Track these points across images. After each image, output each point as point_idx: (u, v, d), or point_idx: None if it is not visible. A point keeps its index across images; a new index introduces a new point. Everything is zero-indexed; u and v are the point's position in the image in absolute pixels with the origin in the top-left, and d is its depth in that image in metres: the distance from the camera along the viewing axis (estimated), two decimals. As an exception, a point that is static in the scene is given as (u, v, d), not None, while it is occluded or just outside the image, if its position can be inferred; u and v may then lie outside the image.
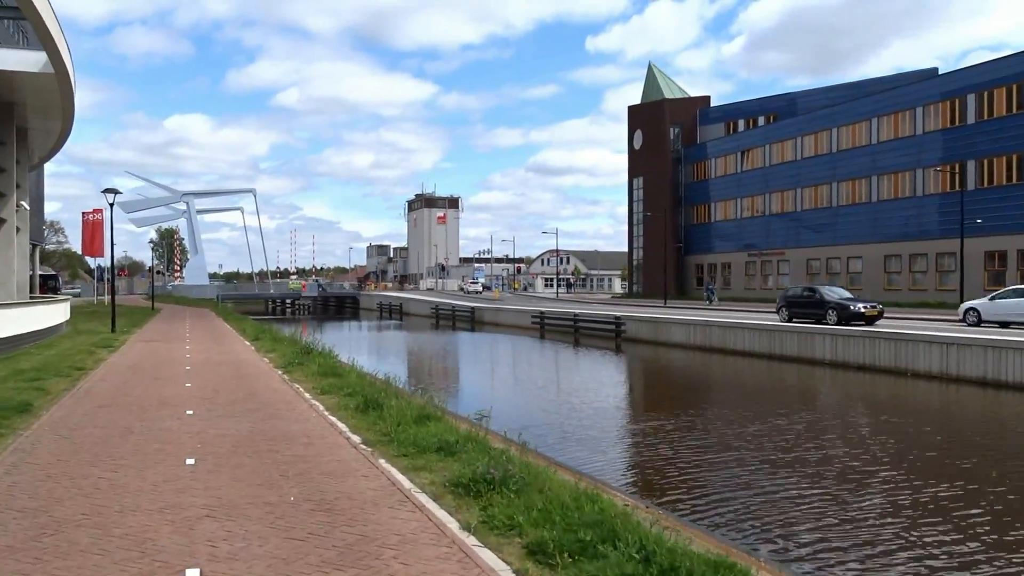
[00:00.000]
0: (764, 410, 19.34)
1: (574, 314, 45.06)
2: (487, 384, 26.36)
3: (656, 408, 20.98)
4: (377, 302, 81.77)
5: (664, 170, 73.19)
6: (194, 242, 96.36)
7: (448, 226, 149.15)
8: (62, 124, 36.82)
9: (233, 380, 16.48)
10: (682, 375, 29.67)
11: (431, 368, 31.52)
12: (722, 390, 25.39)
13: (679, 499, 11.24)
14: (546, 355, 36.67)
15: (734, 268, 67.74)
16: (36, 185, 72.51)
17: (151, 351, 23.48)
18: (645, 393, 25.35)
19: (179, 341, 27.62)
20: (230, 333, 32.84)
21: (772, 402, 21.54)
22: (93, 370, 18.05)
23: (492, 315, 56.70)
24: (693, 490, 11.78)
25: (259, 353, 23.35)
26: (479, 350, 39.81)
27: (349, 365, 20.23)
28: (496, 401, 20.12)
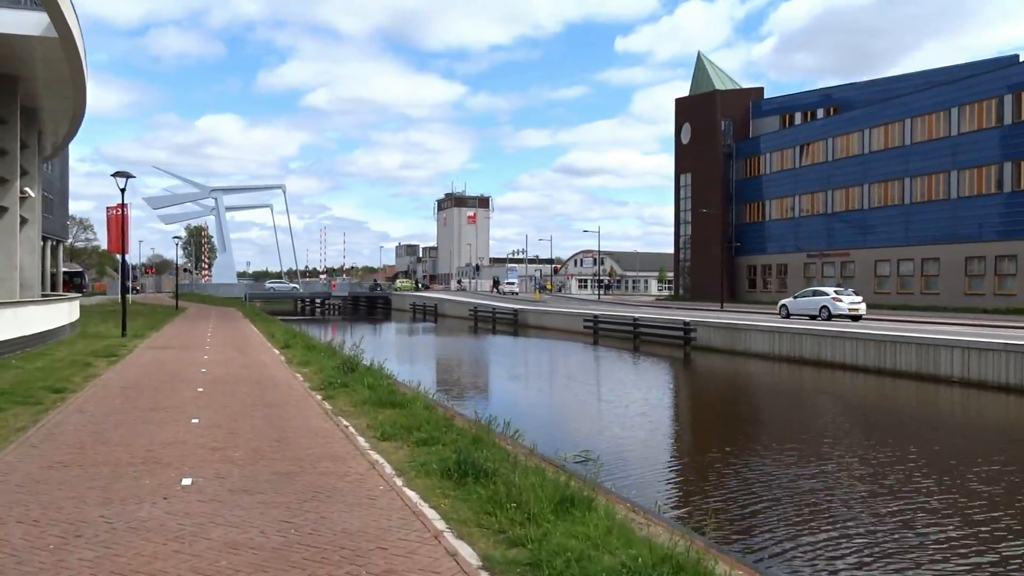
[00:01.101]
0: (895, 444, 14.45)
1: (634, 318, 40.22)
2: (572, 407, 21.65)
3: (773, 439, 16.16)
4: (410, 303, 77.30)
5: (714, 166, 68.08)
6: (223, 239, 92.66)
7: (478, 226, 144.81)
8: (74, 102, 32.62)
9: (257, 413, 11.91)
10: (781, 393, 24.71)
11: (494, 385, 26.76)
12: (832, 413, 20.47)
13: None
14: (612, 366, 31.87)
15: (791, 270, 62.47)
16: (60, 179, 68.94)
17: (160, 363, 19.03)
18: (748, 417, 20.50)
19: (197, 348, 23.20)
20: (256, 338, 28.43)
21: (907, 434, 16.61)
22: (75, 393, 13.57)
23: (537, 318, 51.97)
24: None
25: (290, 367, 18.83)
26: (536, 360, 35.09)
27: (407, 386, 15.65)
28: (599, 436, 15.47)
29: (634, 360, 33.93)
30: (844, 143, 57.72)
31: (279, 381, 15.93)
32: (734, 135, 68.42)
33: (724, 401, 22.87)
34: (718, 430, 17.49)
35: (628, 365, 32.09)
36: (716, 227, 67.42)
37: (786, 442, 15.23)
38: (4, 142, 29.16)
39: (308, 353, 21.74)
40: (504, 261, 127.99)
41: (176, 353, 21.58)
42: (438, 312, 69.10)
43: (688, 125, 70.71)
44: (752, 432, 17.26)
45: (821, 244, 59.42)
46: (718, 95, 67.86)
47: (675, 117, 72.64)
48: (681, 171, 71.97)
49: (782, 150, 63.74)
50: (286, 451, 9.12)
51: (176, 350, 22.58)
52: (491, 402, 19.86)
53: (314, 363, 19.11)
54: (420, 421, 10.98)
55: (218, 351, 22.42)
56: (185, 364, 18.73)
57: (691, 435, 17.31)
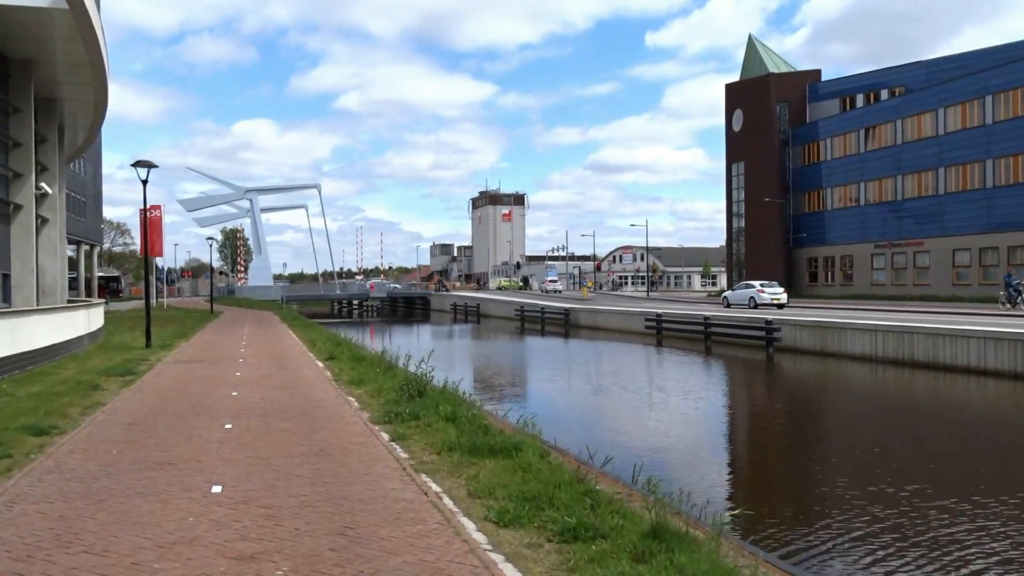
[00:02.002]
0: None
1: (704, 317, 36.17)
2: (700, 437, 17.79)
3: (915, 474, 12.13)
4: (451, 303, 73.74)
5: (770, 153, 63.60)
6: (258, 241, 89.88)
7: (514, 223, 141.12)
8: (95, 89, 29.38)
9: (306, 470, 8.24)
10: (909, 407, 20.56)
11: (582, 405, 22.84)
12: (987, 435, 16.32)
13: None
14: (699, 373, 27.92)
15: (856, 262, 57.84)
16: (93, 181, 66.40)
17: (184, 383, 15.52)
18: (875, 441, 16.44)
19: (229, 362, 19.72)
20: (296, 347, 24.93)
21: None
22: (63, 435, 10.03)
23: (591, 318, 48.07)
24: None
25: (339, 386, 15.21)
26: (612, 367, 31.20)
27: (496, 417, 11.94)
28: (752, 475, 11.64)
29: (717, 365, 29.98)
30: (915, 125, 53.03)
31: (329, 409, 12.28)
32: (790, 120, 63.87)
33: (844, 419, 18.81)
34: (845, 456, 13.53)
35: (720, 371, 28.17)
36: (773, 218, 63.07)
37: (930, 478, 11.24)
38: (17, 133, 25.99)
39: (358, 366, 18.14)
40: (543, 259, 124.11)
41: (204, 369, 18.10)
42: (480, 312, 65.45)
43: (740, 111, 66.29)
44: (886, 463, 13.24)
45: (890, 233, 54.78)
46: (773, 79, 63.37)
47: (725, 103, 68.28)
48: (733, 160, 67.56)
49: (844, 135, 59.11)
50: (357, 562, 5.42)
51: (205, 364, 19.11)
52: (594, 432, 16.03)
53: (368, 381, 15.47)
54: (546, 485, 7.24)
55: (253, 366, 18.90)
56: (213, 385, 15.20)
57: (825, 465, 13.39)
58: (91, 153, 63.09)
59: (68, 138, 36.58)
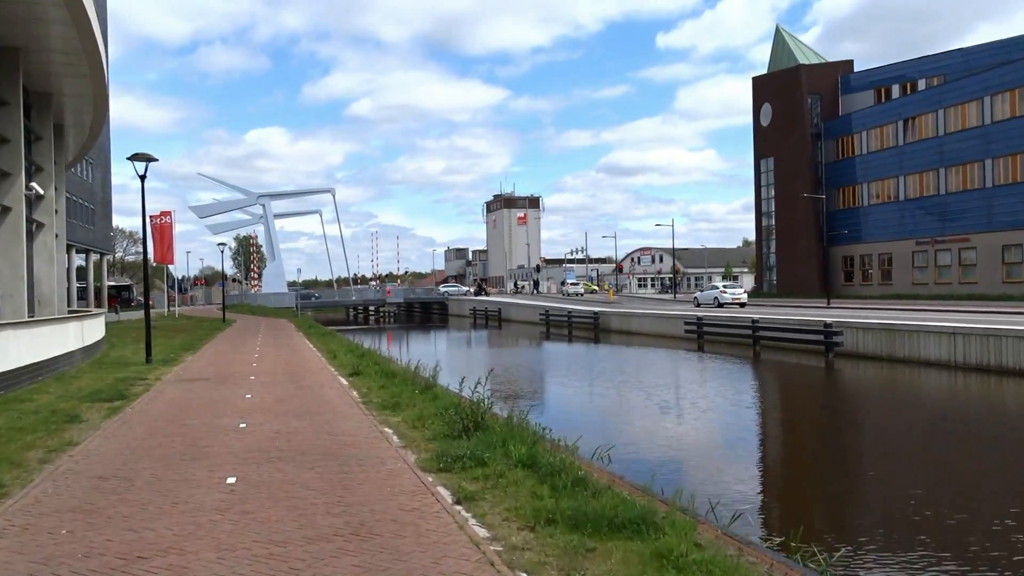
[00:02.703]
0: None
1: (752, 320, 33.15)
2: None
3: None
4: (470, 308, 70.83)
5: (801, 148, 60.46)
6: (271, 248, 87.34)
7: (529, 226, 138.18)
8: (92, 83, 26.78)
9: (343, 563, 5.40)
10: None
11: (653, 430, 19.96)
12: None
13: None
14: (759, 383, 24.96)
15: (896, 260, 54.61)
16: (102, 188, 63.98)
17: (181, 411, 12.72)
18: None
19: (238, 381, 16.92)
20: (314, 360, 22.11)
21: None
22: (2, 501, 7.24)
23: (622, 322, 45.08)
24: None
25: (371, 413, 12.33)
26: (662, 374, 28.19)
27: (589, 461, 9.05)
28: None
29: (776, 373, 27.04)
30: (959, 114, 49.80)
31: (363, 449, 9.42)
32: (822, 114, 60.75)
33: (939, 440, 15.80)
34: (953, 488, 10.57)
35: (786, 382, 25.21)
36: (805, 215, 59.93)
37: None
38: (4, 128, 23.37)
39: (388, 384, 15.31)
40: (559, 263, 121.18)
41: (209, 390, 15.29)
42: (502, 317, 62.52)
43: (768, 105, 63.22)
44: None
45: (933, 229, 51.54)
46: (803, 70, 60.25)
47: (752, 97, 65.21)
48: (762, 156, 64.46)
49: (882, 126, 55.92)
50: None
51: (211, 384, 16.31)
52: (695, 470, 13.12)
53: (404, 404, 12.62)
54: None
55: (266, 384, 16.09)
56: (217, 412, 12.40)
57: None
58: (99, 159, 60.71)
59: (69, 139, 33.97)
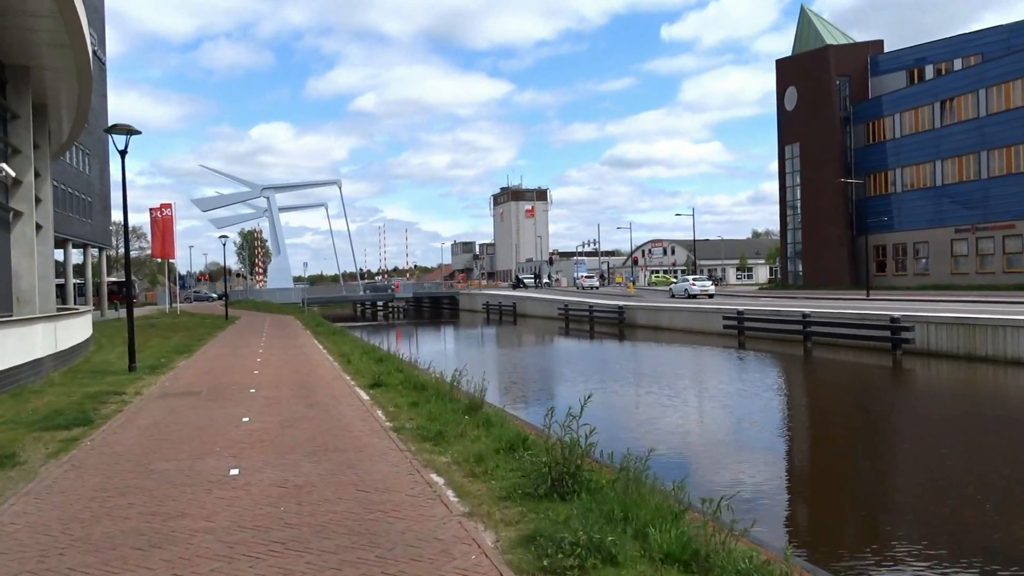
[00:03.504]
0: None
1: (803, 314, 29.94)
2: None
3: None
4: (482, 302, 67.61)
5: (829, 132, 57.08)
6: (276, 241, 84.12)
7: (537, 219, 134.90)
8: (74, 53, 23.62)
9: None
10: None
11: (746, 457, 16.77)
12: None
13: None
14: (837, 387, 21.77)
15: (933, 249, 51.29)
16: (100, 180, 60.73)
17: (153, 445, 9.54)
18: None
19: (235, 395, 13.77)
20: (326, 367, 18.92)
21: None
22: None
23: (650, 316, 41.85)
24: None
25: (410, 449, 9.09)
26: (717, 376, 24.97)
27: (775, 552, 5.91)
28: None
29: (842, 374, 23.87)
30: (1002, 93, 46.40)
31: (411, 520, 6.22)
32: (850, 96, 57.35)
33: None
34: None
35: (869, 385, 21.99)
36: (834, 203, 56.66)
37: None
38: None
39: (421, 400, 12.15)
40: (568, 256, 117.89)
41: (197, 410, 12.14)
42: (517, 312, 59.28)
43: (793, 89, 59.81)
44: None
45: (974, 216, 48.21)
46: (831, 51, 56.80)
47: (776, 81, 61.82)
48: (786, 141, 61.07)
49: (916, 108, 52.52)
50: None
51: (201, 401, 13.17)
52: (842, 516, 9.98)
53: (451, 435, 9.39)
54: None
55: (269, 401, 12.94)
56: (202, 448, 9.23)
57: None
58: (96, 150, 57.48)
59: (55, 121, 30.78)
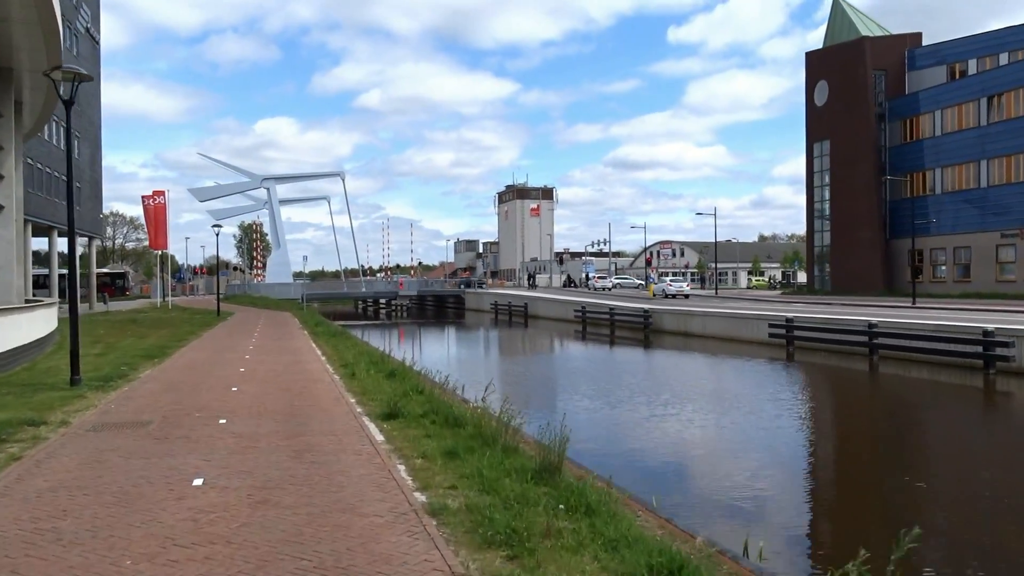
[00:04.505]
0: None
1: (868, 324, 25.99)
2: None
3: None
4: (491, 302, 63.58)
5: (862, 129, 53.13)
6: (276, 235, 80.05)
7: (542, 218, 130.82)
8: (43, 33, 19.72)
9: None
10: None
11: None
12: None
13: None
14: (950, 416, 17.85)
15: (976, 254, 47.36)
16: (91, 166, 56.61)
17: (26, 550, 5.62)
18: None
19: (194, 432, 9.78)
20: (325, 384, 14.89)
21: None
22: None
23: (678, 322, 37.86)
24: None
25: (470, 558, 5.26)
26: (796, 398, 21.03)
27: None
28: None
29: (939, 397, 19.96)
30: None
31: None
32: (886, 91, 53.44)
33: None
34: None
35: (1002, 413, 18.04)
36: (868, 204, 52.76)
37: None
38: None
39: (459, 446, 8.23)
40: (579, 255, 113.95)
41: (132, 458, 8.15)
42: (529, 313, 55.28)
43: (825, 83, 55.86)
44: None
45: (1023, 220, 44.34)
46: (867, 43, 52.87)
47: (806, 74, 57.88)
48: (816, 138, 57.11)
49: (959, 105, 48.60)
50: None
51: (144, 440, 9.19)
52: None
53: (533, 539, 5.52)
54: None
55: (241, 443, 8.96)
56: (107, 555, 5.31)
57: None
58: (87, 133, 53.43)
59: (26, 90, 26.78)
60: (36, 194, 40.71)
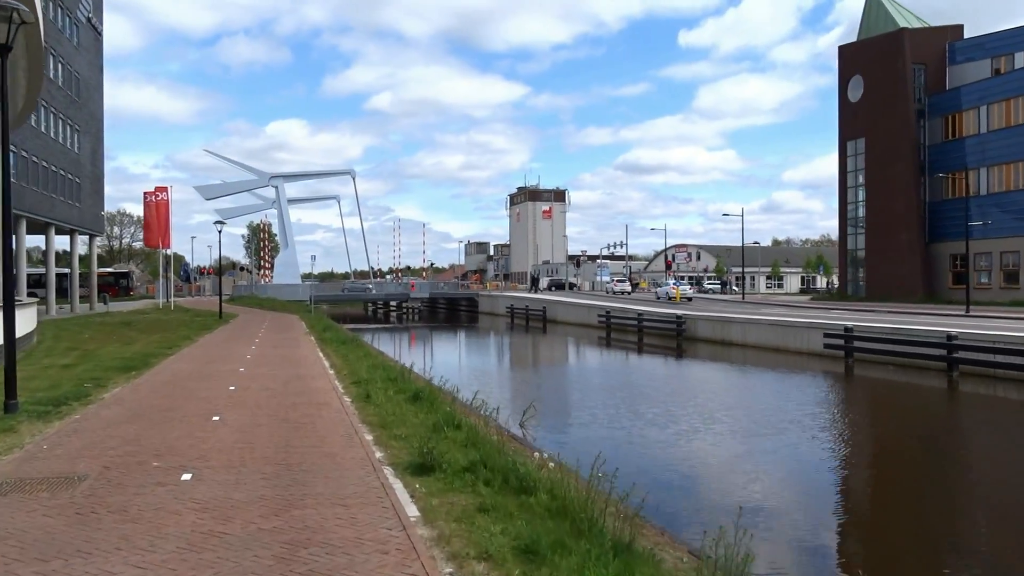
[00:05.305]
0: None
1: (948, 335, 22.71)
2: None
3: None
4: (506, 305, 60.40)
5: (900, 127, 49.82)
6: (284, 234, 77.18)
7: (554, 220, 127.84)
8: None
9: None
10: None
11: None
12: None
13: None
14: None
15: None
16: (92, 161, 53.80)
17: None
18: None
19: (144, 499, 6.75)
20: (333, 407, 11.79)
21: None
22: None
23: (714, 329, 34.64)
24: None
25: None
26: (908, 424, 17.83)
27: None
28: None
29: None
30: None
31: None
32: (925, 86, 50.17)
33: None
34: None
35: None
36: (907, 206, 49.43)
37: None
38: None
39: (523, 519, 5.20)
40: (595, 259, 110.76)
41: (26, 560, 5.16)
42: (547, 318, 52.09)
43: (860, 78, 52.58)
44: None
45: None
46: (907, 35, 49.61)
47: (839, 69, 54.60)
48: (849, 136, 53.80)
49: (1006, 100, 45.25)
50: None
51: (58, 520, 6.19)
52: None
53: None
54: None
55: (210, 516, 5.93)
56: None
57: None
58: (89, 126, 50.54)
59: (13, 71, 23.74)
60: (31, 189, 37.79)
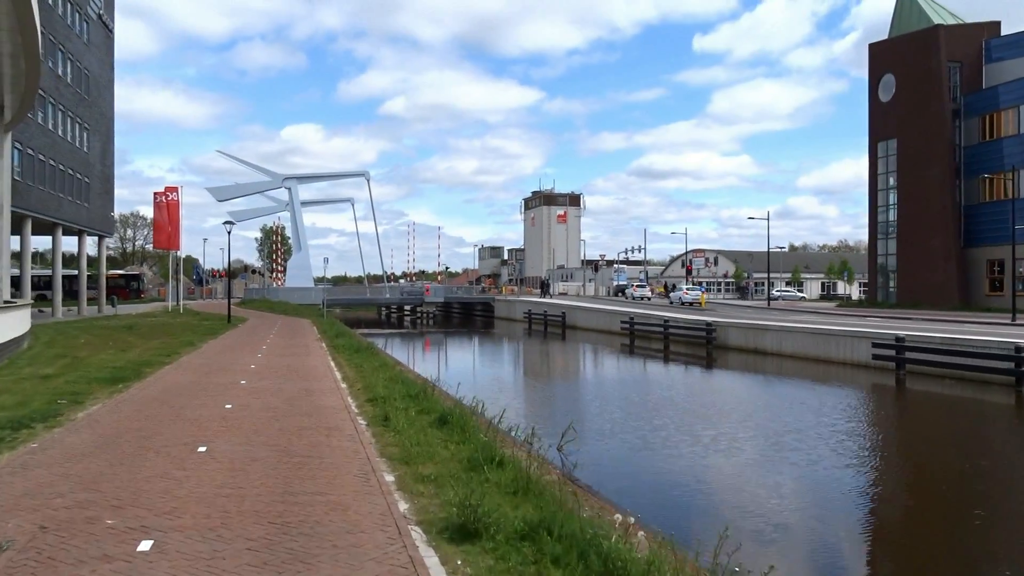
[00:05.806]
0: None
1: (1017, 347, 20.61)
2: None
3: None
4: (524, 311, 58.37)
5: (935, 127, 47.57)
6: (297, 237, 75.54)
7: (569, 225, 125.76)
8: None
9: None
10: None
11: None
12: None
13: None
14: None
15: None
16: (102, 160, 52.33)
17: None
18: None
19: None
20: (345, 433, 9.88)
21: None
22: None
23: (747, 337, 32.53)
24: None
25: None
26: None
27: None
28: None
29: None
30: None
31: None
32: (961, 85, 47.90)
33: None
34: None
35: None
36: (942, 209, 47.15)
37: None
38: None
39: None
40: (611, 263, 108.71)
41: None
42: (567, 324, 50.06)
43: (891, 76, 50.37)
44: None
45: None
46: (942, 32, 47.40)
47: (869, 68, 52.40)
48: (880, 137, 51.56)
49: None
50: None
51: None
52: None
53: None
54: None
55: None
56: None
57: None
58: (99, 125, 49.05)
59: (2, 80, 22.06)
60: (38, 188, 36.20)
